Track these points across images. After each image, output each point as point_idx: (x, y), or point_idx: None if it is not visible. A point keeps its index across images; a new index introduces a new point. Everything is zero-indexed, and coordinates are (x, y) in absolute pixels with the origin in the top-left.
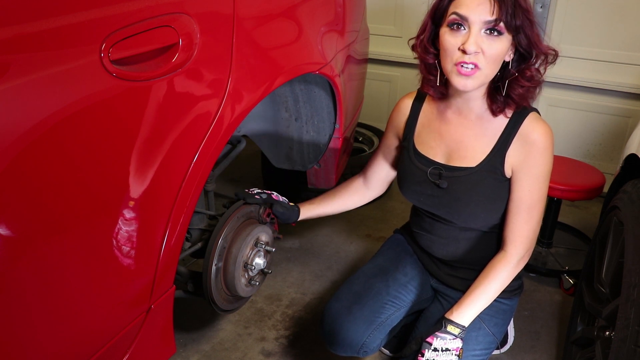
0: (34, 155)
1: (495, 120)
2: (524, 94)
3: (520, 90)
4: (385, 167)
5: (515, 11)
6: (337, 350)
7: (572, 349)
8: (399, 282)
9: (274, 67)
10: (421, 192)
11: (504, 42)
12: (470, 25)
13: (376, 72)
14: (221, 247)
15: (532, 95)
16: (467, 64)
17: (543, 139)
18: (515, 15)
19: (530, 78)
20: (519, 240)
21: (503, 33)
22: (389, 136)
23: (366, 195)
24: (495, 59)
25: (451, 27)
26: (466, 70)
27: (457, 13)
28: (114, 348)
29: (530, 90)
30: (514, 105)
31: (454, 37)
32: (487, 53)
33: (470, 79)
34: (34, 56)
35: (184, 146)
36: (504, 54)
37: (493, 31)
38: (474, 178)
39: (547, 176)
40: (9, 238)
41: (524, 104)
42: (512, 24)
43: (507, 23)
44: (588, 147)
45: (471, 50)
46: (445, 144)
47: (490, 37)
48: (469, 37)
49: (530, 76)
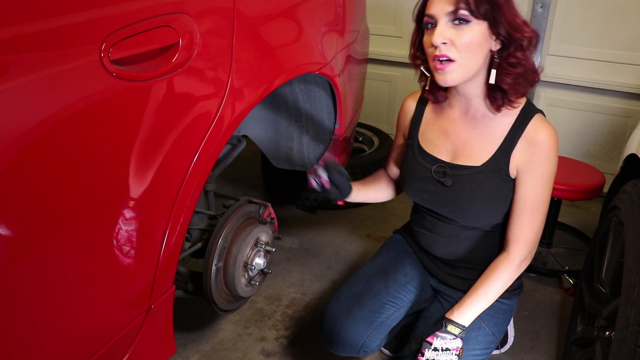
0: (34, 155)
1: (501, 120)
2: (512, 83)
3: (508, 79)
4: (396, 169)
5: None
6: (337, 350)
7: (572, 349)
8: (399, 282)
9: (274, 67)
10: (424, 190)
11: (474, 29)
12: (437, 20)
13: (376, 72)
14: (221, 247)
15: (522, 83)
16: (439, 57)
17: (548, 140)
18: (479, 1)
19: (515, 64)
20: (521, 242)
21: (470, 21)
22: (398, 136)
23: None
24: (468, 48)
25: (426, 28)
26: (440, 65)
27: (427, 14)
28: (114, 348)
29: (519, 77)
30: (512, 97)
31: (428, 37)
32: (457, 43)
33: (447, 73)
34: (34, 56)
35: (184, 146)
36: (478, 42)
37: (459, 21)
38: (478, 177)
39: (551, 178)
40: (9, 238)
41: (519, 94)
42: (475, 10)
43: (470, 10)
44: (588, 147)
45: (437, 42)
46: (450, 143)
47: (459, 27)
48: (435, 31)
49: (516, 62)
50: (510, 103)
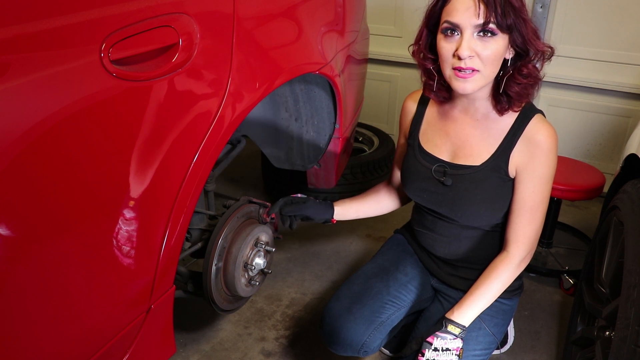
0: (34, 155)
1: (501, 120)
2: (520, 92)
3: (517, 87)
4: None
5: (505, 10)
6: (338, 350)
7: (572, 349)
8: (399, 282)
9: (274, 67)
10: (425, 189)
11: (499, 42)
12: (462, 30)
13: (376, 72)
14: (221, 247)
15: (530, 92)
16: (464, 69)
17: (548, 140)
18: (506, 14)
19: (527, 75)
20: (521, 241)
21: (496, 34)
22: (400, 137)
23: (395, 197)
24: (492, 60)
25: (445, 34)
26: (462, 73)
27: (448, 21)
28: (114, 348)
29: (528, 87)
30: (517, 103)
31: (449, 43)
32: (483, 55)
33: (469, 81)
34: (34, 56)
35: (184, 146)
36: (501, 53)
37: (485, 33)
38: (478, 176)
39: (550, 178)
40: (9, 238)
41: (523, 101)
42: (503, 24)
43: (498, 23)
44: (588, 147)
45: (464, 55)
46: (450, 142)
47: (484, 39)
48: (462, 42)
49: (527, 73)
50: (513, 108)
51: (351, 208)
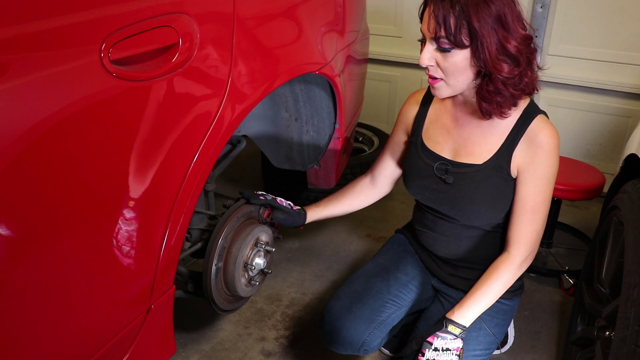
0: (34, 155)
1: (503, 120)
2: (492, 107)
3: (485, 104)
4: (392, 164)
5: (459, 27)
6: (338, 348)
7: (572, 349)
8: (400, 282)
9: (274, 67)
10: (426, 187)
11: (456, 55)
12: (426, 39)
13: (376, 72)
14: (221, 247)
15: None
16: (429, 76)
17: (549, 141)
18: (461, 31)
19: (493, 92)
20: (522, 242)
21: (451, 49)
22: (398, 132)
23: (373, 194)
24: (453, 71)
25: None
26: (430, 80)
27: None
28: (114, 348)
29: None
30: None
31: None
32: (442, 66)
33: (436, 88)
34: (34, 56)
35: (184, 146)
36: (461, 66)
37: (439, 48)
38: (479, 175)
39: (552, 178)
40: (9, 238)
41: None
42: (455, 41)
43: (449, 40)
44: (588, 147)
45: (423, 64)
46: (452, 140)
47: (442, 52)
48: (423, 52)
49: (494, 91)
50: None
51: (324, 210)
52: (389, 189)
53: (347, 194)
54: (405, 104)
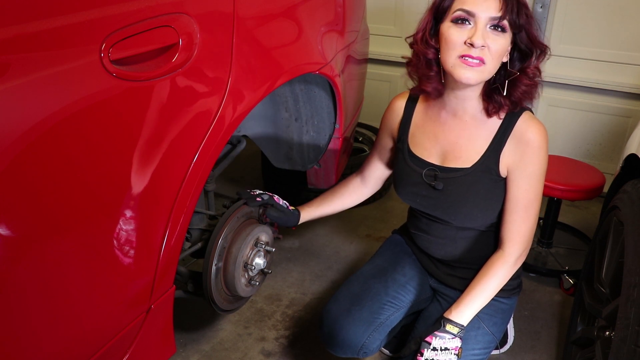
0: (34, 155)
1: (489, 121)
2: (522, 96)
3: (524, 87)
4: (380, 166)
5: (519, 9)
6: (337, 351)
7: (572, 349)
8: (398, 283)
9: (274, 67)
10: (417, 194)
11: (507, 39)
12: (476, 20)
13: (376, 72)
14: (221, 247)
15: (533, 95)
16: (473, 58)
17: (538, 137)
18: (519, 13)
19: (533, 76)
20: (516, 239)
21: (507, 31)
22: (383, 137)
23: (364, 193)
24: (499, 55)
25: (456, 22)
26: (470, 62)
27: (463, 9)
28: (114, 348)
29: (532, 89)
30: (510, 106)
31: (460, 31)
32: (492, 48)
33: (475, 71)
34: (34, 56)
35: (184, 146)
36: (505, 50)
37: (497, 27)
38: (469, 179)
39: (542, 175)
40: (9, 238)
41: (523, 104)
42: (516, 22)
43: (511, 21)
44: (588, 147)
45: (478, 43)
46: (439, 145)
47: (495, 32)
48: (476, 32)
49: (533, 74)
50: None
51: (316, 210)
52: (380, 186)
53: (338, 194)
54: (388, 110)
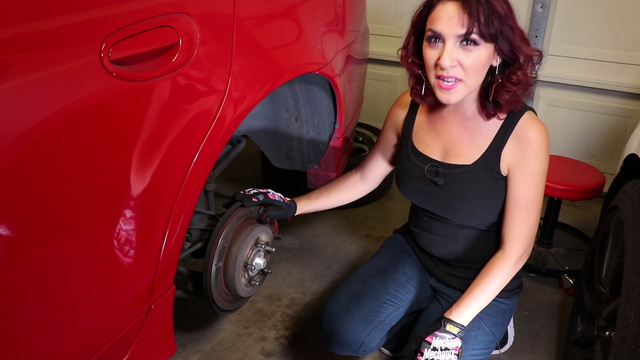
0: (34, 155)
1: (490, 119)
2: (510, 100)
3: (507, 95)
4: (382, 163)
5: (489, 19)
6: (336, 349)
7: (572, 349)
8: (398, 282)
9: (274, 67)
10: (418, 190)
11: (482, 51)
12: (444, 39)
13: (376, 72)
14: (221, 247)
15: (519, 99)
16: (447, 77)
17: (538, 137)
18: (489, 23)
19: (516, 82)
20: (517, 239)
21: (479, 43)
22: (388, 131)
23: (362, 189)
24: (475, 69)
25: (429, 42)
26: (447, 84)
27: (431, 29)
28: (114, 348)
29: (518, 94)
30: (504, 110)
31: (433, 51)
32: (465, 64)
33: (452, 92)
34: (34, 56)
35: (184, 146)
36: (484, 62)
37: (468, 42)
38: (470, 175)
39: (543, 175)
40: (9, 238)
41: (512, 108)
42: (486, 33)
43: (481, 33)
44: (588, 147)
45: (445, 64)
46: (442, 142)
47: (466, 48)
48: (443, 52)
49: (517, 80)
50: (499, 115)
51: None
52: (378, 184)
53: (336, 189)
54: (395, 105)
